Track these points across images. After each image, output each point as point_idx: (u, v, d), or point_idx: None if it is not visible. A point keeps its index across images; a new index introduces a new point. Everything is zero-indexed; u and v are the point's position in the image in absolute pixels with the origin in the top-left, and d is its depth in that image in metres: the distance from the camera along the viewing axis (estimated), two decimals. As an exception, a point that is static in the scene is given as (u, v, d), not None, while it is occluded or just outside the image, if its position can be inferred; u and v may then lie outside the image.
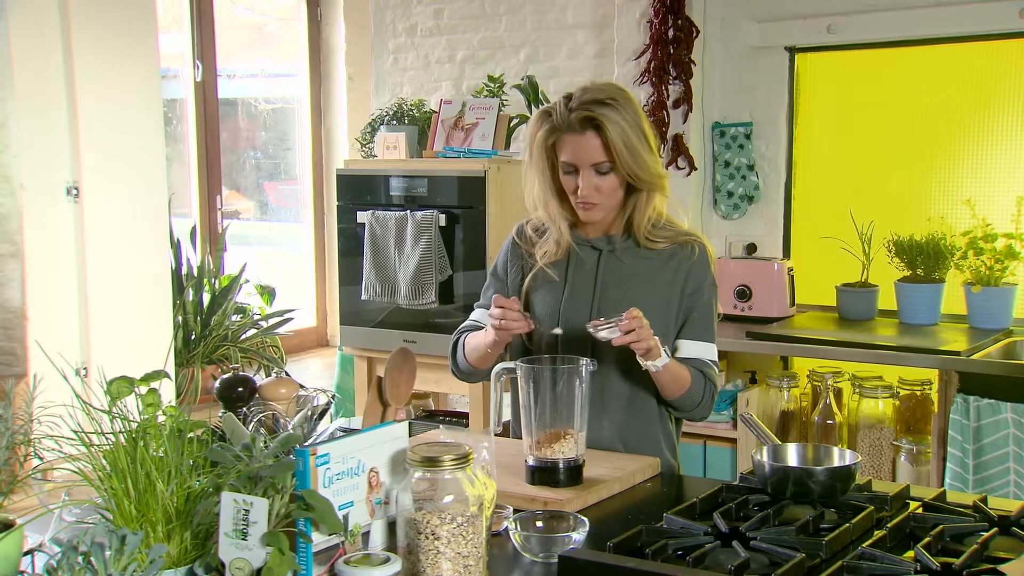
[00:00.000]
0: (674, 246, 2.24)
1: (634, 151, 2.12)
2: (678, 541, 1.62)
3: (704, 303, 2.26)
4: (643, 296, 2.20)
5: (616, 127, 2.10)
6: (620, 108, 2.12)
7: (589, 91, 2.15)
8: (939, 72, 3.94)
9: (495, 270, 2.40)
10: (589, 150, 2.13)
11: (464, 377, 2.37)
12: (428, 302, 4.09)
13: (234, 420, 1.82)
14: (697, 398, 2.21)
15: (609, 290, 2.23)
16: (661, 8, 4.12)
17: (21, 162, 3.34)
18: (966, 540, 1.65)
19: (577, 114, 2.12)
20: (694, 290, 2.24)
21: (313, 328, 5.56)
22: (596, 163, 2.14)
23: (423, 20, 5.00)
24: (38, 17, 3.34)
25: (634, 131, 2.13)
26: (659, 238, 2.24)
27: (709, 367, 2.24)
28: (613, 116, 2.11)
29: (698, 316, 2.25)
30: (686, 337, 2.24)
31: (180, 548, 1.44)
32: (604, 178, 2.15)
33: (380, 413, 2.00)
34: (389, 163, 4.32)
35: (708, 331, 2.26)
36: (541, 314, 2.26)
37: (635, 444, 2.23)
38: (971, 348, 3.38)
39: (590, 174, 2.15)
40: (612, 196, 2.19)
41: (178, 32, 4.95)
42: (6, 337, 3.39)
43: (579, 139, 2.13)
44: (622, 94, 2.17)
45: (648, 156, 2.15)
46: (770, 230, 4.27)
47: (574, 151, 2.14)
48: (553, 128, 2.16)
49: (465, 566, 1.48)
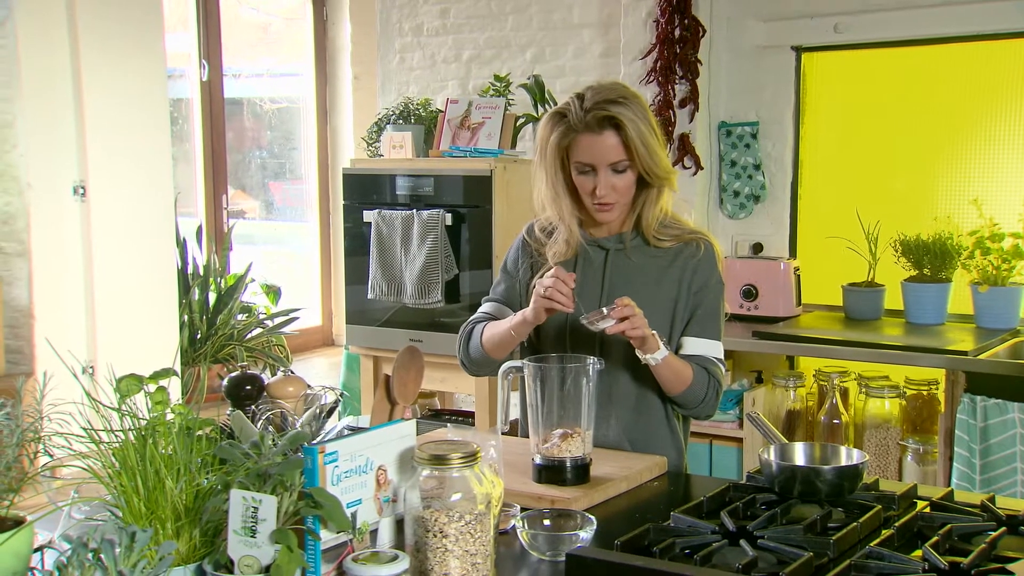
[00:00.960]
0: (680, 244, 2.25)
1: (650, 148, 2.14)
2: (685, 540, 1.62)
3: (709, 301, 2.26)
4: (650, 294, 2.21)
5: (633, 125, 2.12)
6: (632, 106, 2.14)
7: (601, 91, 2.15)
8: (946, 71, 3.94)
9: (505, 266, 2.41)
10: (608, 149, 2.14)
11: (472, 368, 2.36)
12: (434, 301, 4.09)
13: (243, 418, 1.83)
14: (700, 395, 2.21)
15: (617, 288, 2.23)
16: (667, 7, 4.12)
17: (28, 161, 3.35)
18: (974, 539, 1.65)
19: (594, 114, 2.12)
20: (700, 287, 2.25)
21: (318, 327, 5.57)
22: (614, 162, 2.15)
23: (429, 20, 5.00)
24: (45, 17, 3.35)
25: (647, 128, 2.15)
26: (666, 236, 2.25)
27: (714, 364, 2.24)
28: (629, 114, 2.12)
29: (703, 313, 2.25)
30: (691, 334, 2.24)
31: (189, 545, 1.44)
32: (621, 176, 2.17)
33: (388, 411, 2.00)
34: (395, 162, 4.32)
35: (713, 328, 2.26)
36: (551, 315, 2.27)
37: (642, 443, 2.23)
38: (978, 348, 3.37)
39: (607, 173, 2.16)
40: (627, 194, 2.20)
41: (184, 32, 4.96)
42: (13, 336, 3.39)
43: (597, 139, 2.14)
44: (631, 92, 2.18)
45: (661, 152, 2.18)
46: (776, 229, 4.27)
47: (592, 151, 2.15)
48: (569, 129, 2.16)
49: (473, 564, 1.48)
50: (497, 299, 2.37)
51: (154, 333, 3.61)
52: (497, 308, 2.36)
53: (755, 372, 4.08)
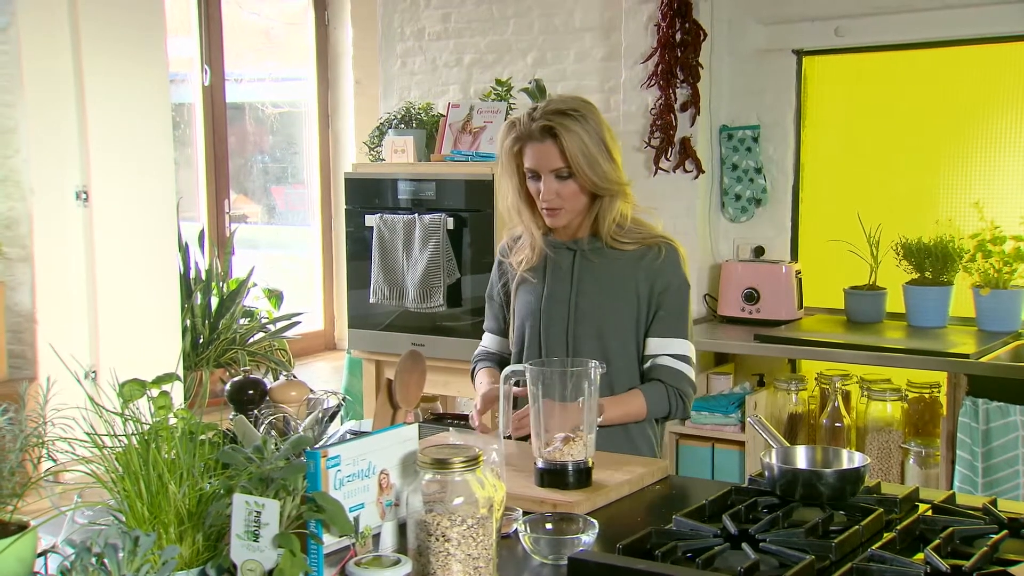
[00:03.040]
0: (643, 248, 2.35)
1: (591, 159, 2.25)
2: (688, 543, 1.62)
3: (672, 302, 2.34)
4: (615, 294, 2.33)
5: (573, 136, 2.24)
6: (580, 119, 2.25)
7: (553, 103, 2.29)
8: (947, 75, 3.94)
9: (489, 292, 2.56)
10: (548, 157, 2.26)
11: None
12: (436, 305, 4.09)
13: (245, 422, 1.83)
14: (664, 410, 2.33)
15: (584, 287, 2.34)
16: (668, 11, 4.13)
17: (31, 166, 3.35)
18: (976, 542, 1.65)
19: (538, 123, 2.26)
20: (663, 289, 2.33)
21: (320, 332, 5.57)
22: (555, 169, 2.27)
23: (431, 24, 5.00)
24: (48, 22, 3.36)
25: (593, 141, 2.25)
26: (627, 239, 2.35)
27: (679, 363, 2.31)
28: (571, 126, 2.24)
29: (666, 314, 2.33)
30: (655, 334, 2.34)
31: (192, 550, 1.44)
32: (564, 183, 2.28)
33: (390, 415, 2.00)
34: (397, 167, 4.33)
35: (678, 328, 2.34)
36: (523, 315, 2.41)
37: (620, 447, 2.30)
38: (980, 351, 3.37)
39: (550, 179, 2.28)
40: (574, 201, 2.30)
41: (186, 36, 4.97)
42: (16, 340, 3.40)
43: (540, 147, 2.27)
44: (586, 107, 2.30)
45: (607, 165, 2.28)
46: (778, 233, 4.27)
47: (535, 158, 2.28)
48: (518, 137, 2.31)
49: (475, 568, 1.48)
50: (488, 330, 2.57)
51: (156, 338, 3.62)
52: (492, 340, 2.56)
53: (757, 375, 4.08)
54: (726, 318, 4.15)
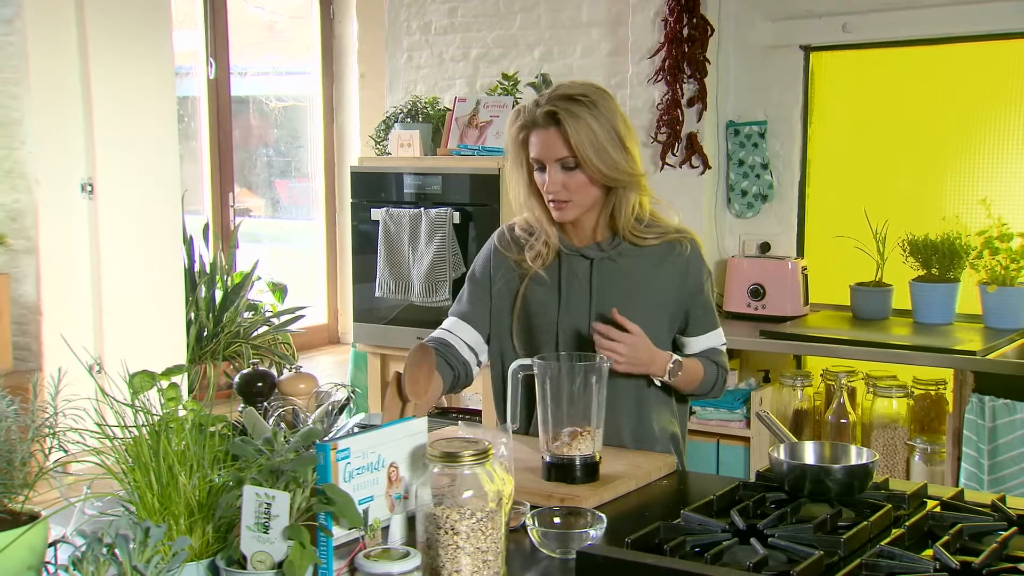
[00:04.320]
0: (665, 244, 2.23)
1: (599, 148, 2.09)
2: (696, 538, 1.62)
3: (705, 300, 2.30)
4: (641, 297, 2.21)
5: (579, 122, 2.08)
6: (589, 106, 2.09)
7: (561, 87, 2.14)
8: (954, 71, 3.93)
9: (473, 274, 2.37)
10: (552, 145, 2.11)
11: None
12: (442, 299, 4.09)
13: (255, 415, 1.83)
14: (709, 386, 2.29)
15: (605, 295, 2.21)
16: (676, 7, 4.12)
17: (36, 158, 3.36)
18: (985, 539, 1.65)
19: (543, 109, 2.11)
20: (695, 290, 2.27)
21: (324, 325, 5.58)
22: (560, 158, 2.12)
23: (437, 18, 5.00)
24: (54, 16, 3.36)
25: (603, 129, 2.10)
26: (648, 235, 2.22)
27: (719, 353, 2.32)
28: (578, 111, 2.08)
29: (702, 312, 2.29)
30: (695, 333, 2.29)
31: (202, 541, 1.44)
32: (571, 174, 2.13)
33: (399, 409, 2.00)
34: (403, 161, 4.33)
35: (713, 320, 2.32)
36: (539, 327, 2.25)
37: (644, 444, 2.25)
38: (986, 348, 3.37)
39: (556, 170, 2.13)
40: (582, 194, 2.15)
41: (191, 30, 4.97)
42: (21, 332, 3.40)
43: (544, 134, 2.12)
44: (597, 92, 2.14)
45: (618, 154, 2.12)
46: (784, 229, 4.27)
47: (540, 146, 2.13)
48: (523, 124, 2.16)
49: (484, 561, 1.48)
50: (458, 314, 2.34)
51: (161, 330, 3.62)
52: (454, 323, 2.33)
53: (762, 371, 4.08)
54: (732, 314, 4.14)
